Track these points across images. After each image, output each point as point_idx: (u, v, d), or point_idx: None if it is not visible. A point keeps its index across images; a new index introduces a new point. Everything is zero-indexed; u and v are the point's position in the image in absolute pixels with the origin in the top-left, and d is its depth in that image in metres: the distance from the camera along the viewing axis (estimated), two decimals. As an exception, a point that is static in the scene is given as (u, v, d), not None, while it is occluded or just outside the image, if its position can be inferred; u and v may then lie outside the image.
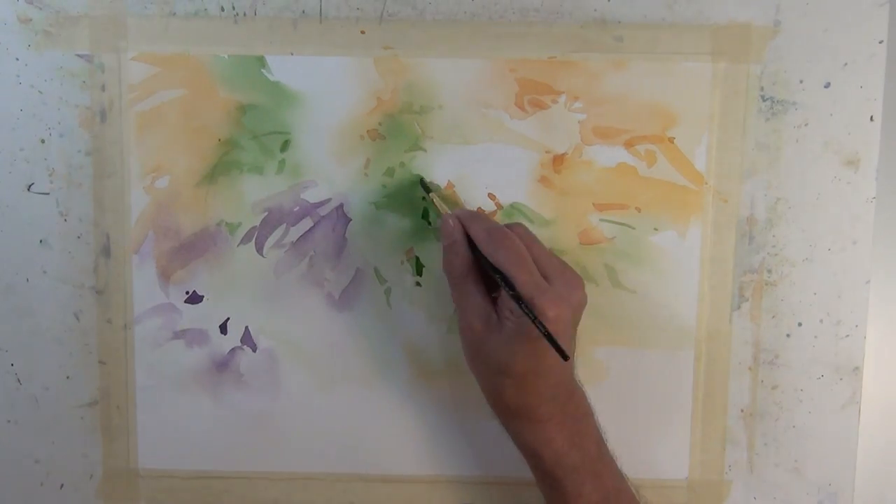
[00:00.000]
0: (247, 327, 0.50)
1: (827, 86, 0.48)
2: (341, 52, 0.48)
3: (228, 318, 0.50)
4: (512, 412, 0.43)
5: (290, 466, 0.51)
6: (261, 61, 0.48)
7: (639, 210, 0.49)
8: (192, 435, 0.50)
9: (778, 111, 0.48)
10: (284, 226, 0.49)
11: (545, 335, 0.38)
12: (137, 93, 0.48)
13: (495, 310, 0.42)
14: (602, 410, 0.50)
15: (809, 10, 0.47)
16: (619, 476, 0.44)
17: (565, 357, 0.37)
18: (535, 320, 0.38)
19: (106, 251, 0.49)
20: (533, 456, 0.43)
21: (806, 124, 0.48)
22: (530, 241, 0.43)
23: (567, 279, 0.41)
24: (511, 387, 0.41)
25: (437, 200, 0.46)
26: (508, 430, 0.44)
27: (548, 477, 0.43)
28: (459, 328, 0.43)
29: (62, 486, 0.51)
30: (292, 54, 0.48)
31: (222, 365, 0.50)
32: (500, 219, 0.49)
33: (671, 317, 0.49)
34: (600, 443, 0.44)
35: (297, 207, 0.49)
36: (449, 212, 0.44)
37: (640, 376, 0.50)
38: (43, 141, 0.48)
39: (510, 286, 0.40)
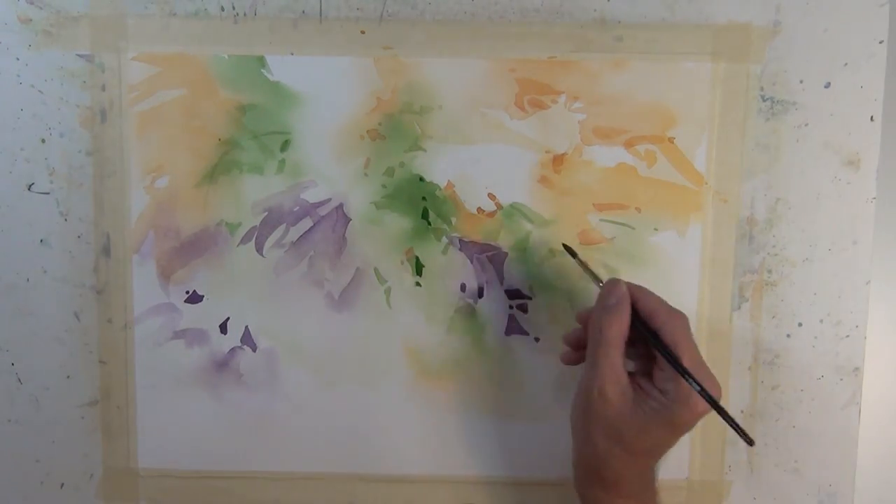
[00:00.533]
0: (247, 327, 0.50)
1: (827, 86, 0.48)
2: (341, 52, 0.48)
3: (228, 318, 0.50)
4: (606, 483, 0.43)
5: (290, 466, 0.51)
6: (261, 61, 0.48)
7: (639, 210, 0.49)
8: (192, 435, 0.50)
9: (778, 111, 0.48)
10: (284, 226, 0.49)
11: (724, 417, 0.39)
12: (137, 93, 0.48)
13: (631, 383, 0.41)
14: (602, 410, 0.50)
15: (809, 10, 0.47)
16: None
17: (751, 442, 0.39)
18: (713, 401, 0.39)
19: (106, 251, 0.49)
20: None
21: (806, 124, 0.48)
22: (690, 331, 0.42)
23: (711, 376, 0.41)
24: (621, 460, 0.42)
25: (584, 263, 0.46)
26: (588, 494, 0.44)
27: None
28: (584, 388, 0.42)
29: (62, 485, 0.51)
30: (292, 54, 0.48)
31: (222, 365, 0.50)
32: (500, 219, 0.49)
33: (671, 317, 0.49)
34: None
35: (297, 207, 0.49)
36: (609, 277, 0.44)
37: (639, 376, 0.50)
38: (43, 141, 0.48)
39: (681, 367, 0.40)
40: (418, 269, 0.49)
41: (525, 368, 0.50)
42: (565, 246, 0.47)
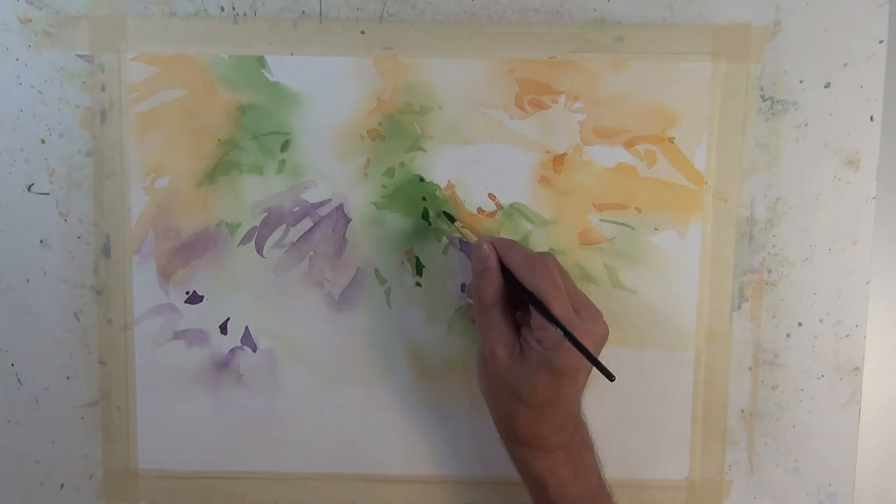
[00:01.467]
0: (247, 327, 0.50)
1: (827, 86, 0.48)
2: (341, 53, 0.48)
3: (228, 319, 0.50)
4: (522, 440, 0.43)
5: (290, 466, 0.51)
6: (261, 61, 0.48)
7: (639, 210, 0.49)
8: (192, 435, 0.50)
9: (778, 111, 0.48)
10: (284, 226, 0.49)
11: (588, 357, 0.39)
12: (137, 93, 0.48)
13: (519, 339, 0.42)
14: (602, 410, 0.50)
15: (809, 10, 0.47)
16: None
17: (611, 377, 0.39)
18: (577, 342, 0.39)
19: (106, 251, 0.49)
20: (537, 484, 0.44)
21: (806, 124, 0.48)
22: (561, 272, 0.44)
23: (592, 314, 0.43)
24: (526, 415, 0.42)
25: (464, 229, 0.47)
26: (514, 456, 0.45)
27: (548, 503, 0.43)
28: (479, 353, 0.43)
29: (62, 486, 0.51)
30: (292, 54, 0.48)
31: (222, 365, 0.50)
32: (500, 219, 0.49)
33: (671, 317, 0.49)
34: (600, 476, 0.45)
35: (297, 208, 0.49)
36: (479, 238, 0.45)
37: (640, 376, 0.50)
38: (43, 141, 0.48)
39: (547, 313, 0.40)
40: (418, 269, 0.49)
41: (525, 368, 0.50)
42: (445, 213, 0.48)
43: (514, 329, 0.43)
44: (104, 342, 0.50)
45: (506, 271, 0.43)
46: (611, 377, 0.39)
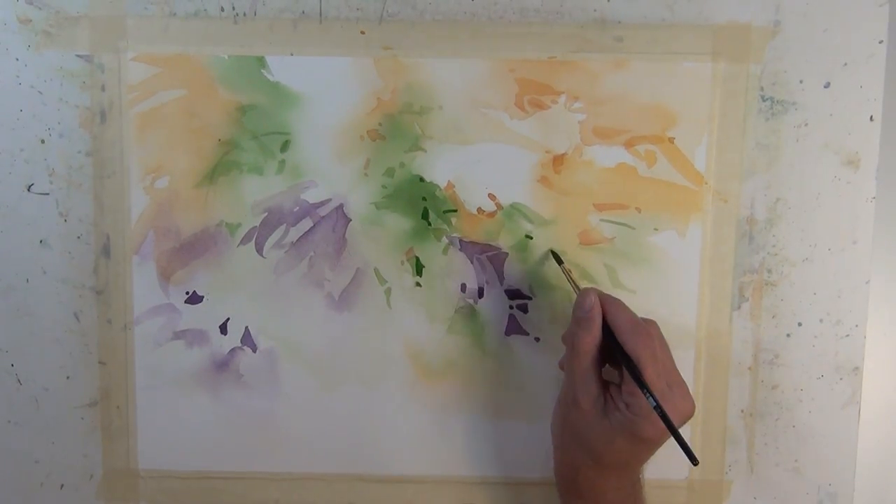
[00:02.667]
0: (247, 327, 0.50)
1: (827, 86, 0.48)
2: (341, 53, 0.48)
3: (228, 319, 0.50)
4: (580, 492, 0.43)
5: (290, 466, 0.51)
6: (261, 62, 0.48)
7: (639, 210, 0.49)
8: (192, 435, 0.50)
9: (778, 111, 0.48)
10: (284, 226, 0.49)
11: (675, 436, 0.39)
12: (137, 93, 0.48)
13: (604, 395, 0.42)
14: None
15: (809, 10, 0.47)
16: None
17: (695, 461, 0.39)
18: (666, 418, 0.39)
19: (106, 251, 0.49)
20: None
21: (806, 124, 0.48)
22: (661, 342, 0.43)
23: (683, 392, 0.42)
24: (592, 470, 0.42)
25: (571, 273, 0.47)
26: (565, 501, 0.45)
27: None
28: (562, 397, 0.44)
29: (62, 486, 0.51)
30: (292, 54, 0.48)
31: (222, 365, 0.50)
32: (500, 219, 0.49)
33: (671, 317, 0.49)
34: None
35: (297, 208, 0.49)
36: (585, 286, 0.45)
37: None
38: (43, 141, 0.48)
39: (641, 382, 0.40)
40: (418, 269, 0.49)
41: (525, 368, 0.50)
42: (552, 252, 0.48)
43: (601, 383, 0.42)
44: (104, 342, 0.50)
45: (604, 328, 0.43)
46: (694, 461, 0.39)
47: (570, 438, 0.43)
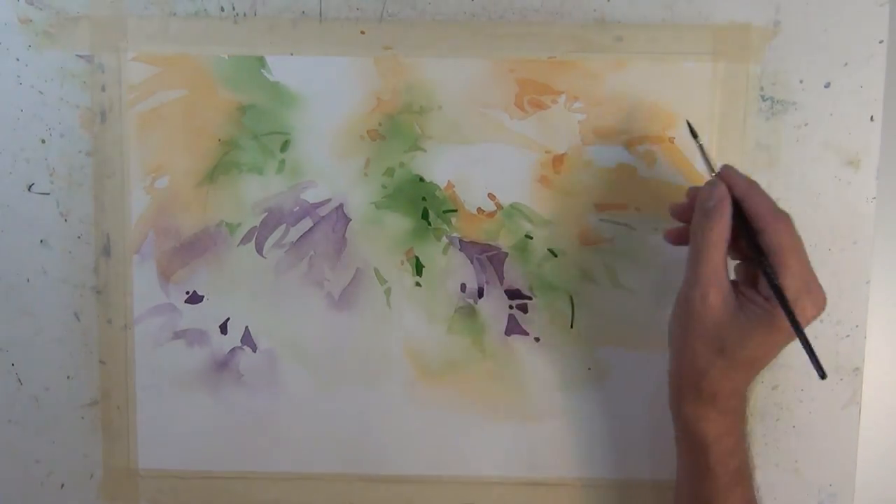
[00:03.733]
0: (247, 327, 0.50)
1: (827, 86, 0.48)
2: (341, 52, 0.48)
3: (228, 318, 0.50)
4: (704, 395, 0.41)
5: (290, 466, 0.51)
6: (261, 61, 0.48)
7: (639, 210, 0.49)
8: (192, 435, 0.50)
9: (778, 111, 0.48)
10: (284, 226, 0.49)
11: (805, 345, 0.37)
12: (137, 93, 0.48)
13: (734, 289, 0.40)
14: (602, 410, 0.50)
15: (809, 10, 0.47)
16: (755, 487, 0.43)
17: (823, 375, 0.37)
18: (796, 325, 0.37)
19: (106, 251, 0.49)
20: (702, 446, 0.41)
21: (806, 124, 0.48)
22: (795, 233, 0.40)
23: (817, 291, 0.39)
24: (720, 369, 0.40)
25: (707, 153, 0.43)
26: (683, 413, 0.42)
27: (706, 471, 0.41)
28: (684, 296, 0.40)
29: (62, 486, 0.51)
30: (292, 54, 0.48)
31: (222, 365, 0.50)
32: (500, 219, 0.49)
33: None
34: (749, 454, 0.43)
35: (297, 208, 0.49)
36: (718, 169, 0.41)
37: (640, 376, 0.50)
38: (43, 141, 0.48)
39: (773, 276, 0.38)
40: (418, 269, 0.49)
41: (525, 368, 0.50)
42: (688, 123, 0.44)
43: (729, 280, 0.40)
44: (104, 342, 0.50)
45: (736, 216, 0.40)
46: (822, 374, 0.37)
47: (697, 339, 0.40)
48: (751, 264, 0.41)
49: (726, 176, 0.40)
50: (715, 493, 0.41)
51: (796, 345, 0.49)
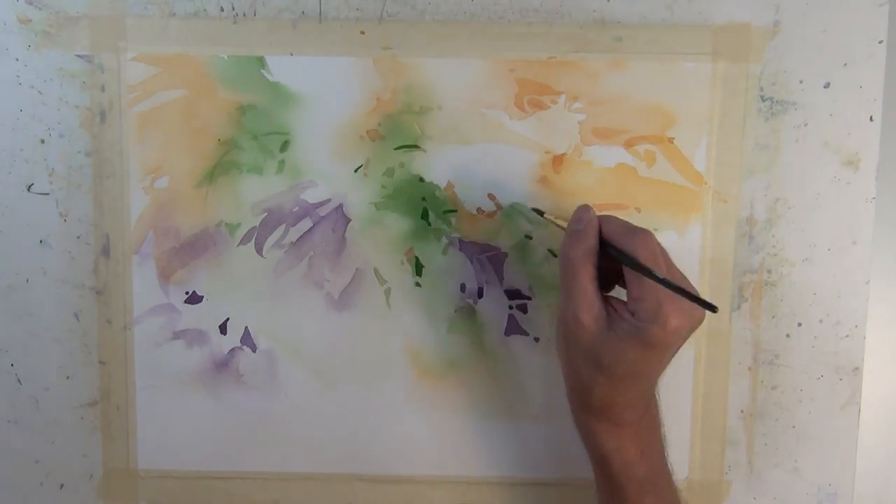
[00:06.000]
0: (247, 327, 0.50)
1: (827, 86, 0.48)
2: (341, 53, 0.48)
3: (228, 319, 0.50)
4: (594, 410, 0.42)
5: (290, 466, 0.51)
6: (260, 62, 0.48)
7: (639, 210, 0.49)
8: (192, 435, 0.50)
9: (777, 111, 0.48)
10: (284, 226, 0.49)
11: (687, 295, 0.38)
12: (137, 93, 0.48)
13: (606, 307, 0.41)
14: (602, 410, 0.50)
15: (809, 10, 0.47)
16: (675, 492, 0.44)
17: (713, 309, 0.37)
18: (679, 289, 0.38)
19: (106, 251, 0.49)
20: (603, 460, 0.42)
21: (806, 124, 0.48)
22: (660, 247, 0.42)
23: (690, 287, 0.40)
24: (604, 385, 0.41)
25: (556, 219, 0.45)
26: (582, 428, 0.43)
27: (611, 482, 0.42)
28: (560, 317, 0.42)
29: (62, 486, 0.51)
30: (292, 55, 0.48)
31: (222, 365, 0.50)
32: (500, 219, 0.49)
33: (671, 317, 0.49)
34: (664, 455, 0.44)
35: (297, 208, 0.49)
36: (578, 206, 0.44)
37: (639, 376, 0.50)
38: (43, 141, 0.48)
39: (650, 273, 0.39)
40: (418, 269, 0.49)
41: (525, 368, 0.50)
42: (534, 209, 0.46)
43: (601, 298, 0.41)
44: (104, 342, 0.50)
45: (603, 245, 0.41)
46: (712, 308, 0.37)
47: (577, 356, 0.41)
48: (620, 283, 0.42)
49: (589, 207, 0.43)
50: (624, 502, 0.42)
51: (794, 344, 0.49)
